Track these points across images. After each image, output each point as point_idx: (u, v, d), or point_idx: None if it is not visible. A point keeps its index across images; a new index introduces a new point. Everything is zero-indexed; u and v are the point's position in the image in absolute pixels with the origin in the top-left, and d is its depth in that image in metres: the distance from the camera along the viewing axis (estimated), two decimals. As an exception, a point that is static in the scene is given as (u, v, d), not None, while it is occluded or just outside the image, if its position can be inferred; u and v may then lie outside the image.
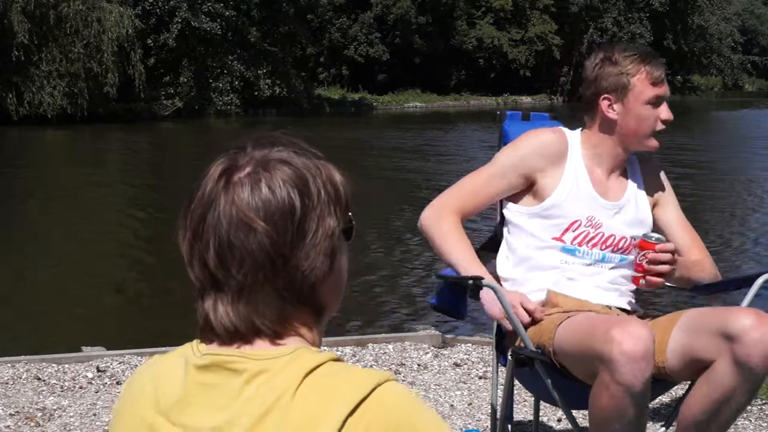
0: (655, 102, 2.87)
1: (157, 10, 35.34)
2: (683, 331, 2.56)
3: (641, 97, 2.86)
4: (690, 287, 2.94)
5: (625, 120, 2.88)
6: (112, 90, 30.27)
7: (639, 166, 3.04)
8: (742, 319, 2.42)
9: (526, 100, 49.70)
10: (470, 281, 2.63)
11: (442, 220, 2.90)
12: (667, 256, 2.74)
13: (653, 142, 2.92)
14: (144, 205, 14.39)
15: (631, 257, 2.92)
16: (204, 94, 36.17)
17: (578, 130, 3.00)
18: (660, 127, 2.89)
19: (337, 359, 1.24)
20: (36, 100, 29.30)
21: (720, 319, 2.47)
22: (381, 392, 1.20)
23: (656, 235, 2.79)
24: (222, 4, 35.80)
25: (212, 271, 1.24)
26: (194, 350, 1.27)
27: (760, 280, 2.80)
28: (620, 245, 2.91)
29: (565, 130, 3.02)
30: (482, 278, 2.63)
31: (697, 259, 2.94)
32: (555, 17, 52.93)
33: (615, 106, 2.88)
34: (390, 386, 1.21)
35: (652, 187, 3.03)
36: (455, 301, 2.86)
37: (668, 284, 2.94)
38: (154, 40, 35.52)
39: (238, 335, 1.25)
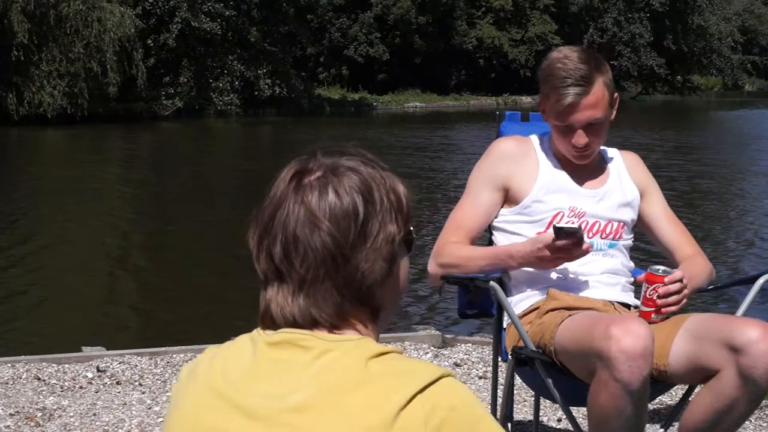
0: (565, 128, 2.83)
1: (157, 10, 35.33)
2: (687, 337, 2.55)
3: (551, 117, 2.86)
4: None
5: (550, 127, 2.92)
6: (113, 90, 30.27)
7: (621, 157, 3.05)
8: (748, 330, 2.41)
9: (526, 100, 49.68)
10: (471, 282, 2.62)
11: (443, 254, 2.89)
12: (678, 286, 2.66)
13: (571, 158, 2.88)
14: (145, 206, 14.39)
15: (622, 242, 2.92)
16: (204, 94, 36.16)
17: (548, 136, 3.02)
18: (570, 148, 2.84)
19: (401, 352, 1.34)
20: (36, 100, 29.29)
21: (726, 328, 2.46)
22: (447, 382, 1.29)
23: (662, 267, 2.69)
24: (222, 4, 35.79)
25: (277, 264, 1.34)
26: (261, 332, 1.36)
27: (761, 281, 2.80)
28: (607, 230, 2.90)
29: (532, 136, 3.02)
30: (486, 279, 2.63)
31: (689, 255, 2.93)
32: (555, 17, 52.96)
33: (546, 113, 2.89)
34: (454, 380, 1.30)
35: (636, 179, 3.01)
36: (475, 301, 2.86)
37: None
38: (154, 40, 35.51)
39: (296, 326, 1.34)
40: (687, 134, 28.86)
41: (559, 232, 2.65)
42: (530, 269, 2.84)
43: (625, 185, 2.97)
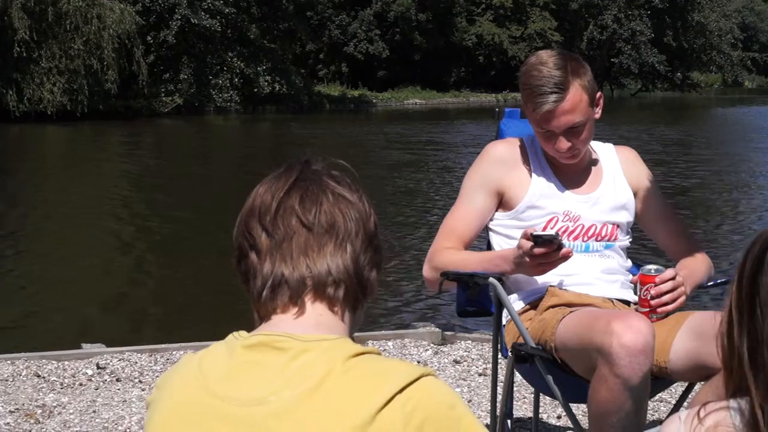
0: (545, 135, 2.84)
1: (157, 7, 35.33)
2: (689, 335, 2.55)
3: (532, 125, 2.88)
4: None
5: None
6: (113, 87, 30.27)
7: (617, 155, 3.04)
8: None
9: (525, 97, 49.61)
10: (470, 278, 2.60)
11: (438, 259, 2.88)
12: (669, 285, 2.66)
13: (561, 159, 2.88)
14: (145, 203, 14.38)
15: (618, 243, 2.93)
16: (203, 90, 36.17)
17: None
18: (555, 153, 2.85)
19: (379, 352, 1.33)
20: (36, 96, 29.30)
21: None
22: (427, 381, 1.28)
23: (654, 267, 2.69)
24: (222, 1, 35.80)
25: (308, 224, 1.35)
26: (238, 336, 1.36)
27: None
28: (603, 233, 2.91)
29: (525, 138, 3.03)
30: (486, 276, 2.61)
31: (687, 251, 2.93)
32: (555, 14, 52.96)
33: (528, 117, 2.91)
34: (434, 379, 1.29)
35: (632, 177, 3.00)
36: (474, 299, 2.83)
37: None
38: (153, 37, 35.52)
39: (309, 280, 1.34)
40: (691, 130, 28.86)
41: (537, 239, 2.63)
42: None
43: (619, 187, 2.97)
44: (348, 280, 1.36)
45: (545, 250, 2.62)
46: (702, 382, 2.58)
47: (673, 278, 2.67)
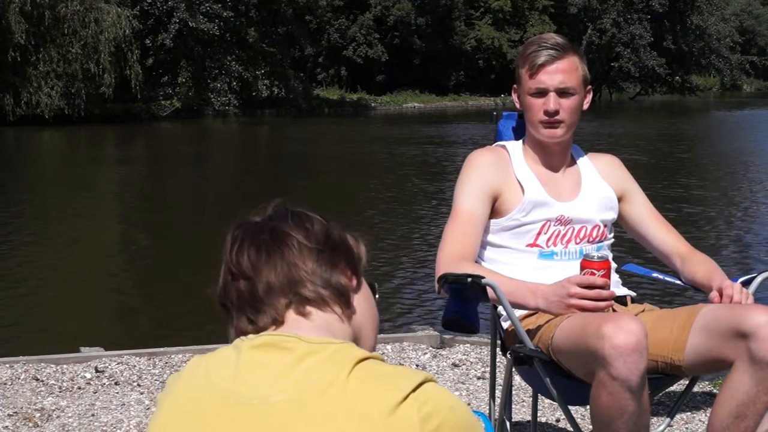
0: (537, 93, 2.86)
1: (155, 11, 35.37)
2: (700, 331, 2.56)
3: (525, 87, 2.89)
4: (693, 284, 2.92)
5: (523, 110, 2.95)
6: (109, 90, 30.28)
7: (595, 161, 3.05)
8: (756, 316, 2.42)
9: (524, 100, 49.62)
10: (468, 279, 2.59)
11: (453, 272, 2.78)
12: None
13: (543, 133, 2.89)
14: (143, 206, 14.38)
15: (606, 242, 2.95)
16: (202, 94, 36.20)
17: (521, 141, 3.04)
18: (542, 117, 2.86)
19: (382, 358, 1.36)
20: (33, 100, 29.31)
21: (734, 318, 2.47)
22: (434, 386, 1.31)
23: (597, 254, 2.68)
24: (220, 5, 35.84)
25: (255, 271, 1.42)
26: (245, 339, 1.39)
27: (759, 278, 2.80)
28: (593, 234, 2.91)
29: (506, 143, 3.04)
30: (481, 276, 2.60)
31: (685, 253, 2.94)
32: (554, 18, 53.04)
33: (520, 97, 2.94)
34: (436, 385, 1.32)
35: (614, 182, 3.02)
36: (464, 311, 2.78)
37: (679, 282, 2.94)
38: (152, 41, 35.54)
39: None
40: (694, 130, 28.92)
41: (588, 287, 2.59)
42: (525, 273, 2.82)
43: (600, 187, 2.98)
44: (319, 291, 1.41)
45: (598, 278, 2.59)
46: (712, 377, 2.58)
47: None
